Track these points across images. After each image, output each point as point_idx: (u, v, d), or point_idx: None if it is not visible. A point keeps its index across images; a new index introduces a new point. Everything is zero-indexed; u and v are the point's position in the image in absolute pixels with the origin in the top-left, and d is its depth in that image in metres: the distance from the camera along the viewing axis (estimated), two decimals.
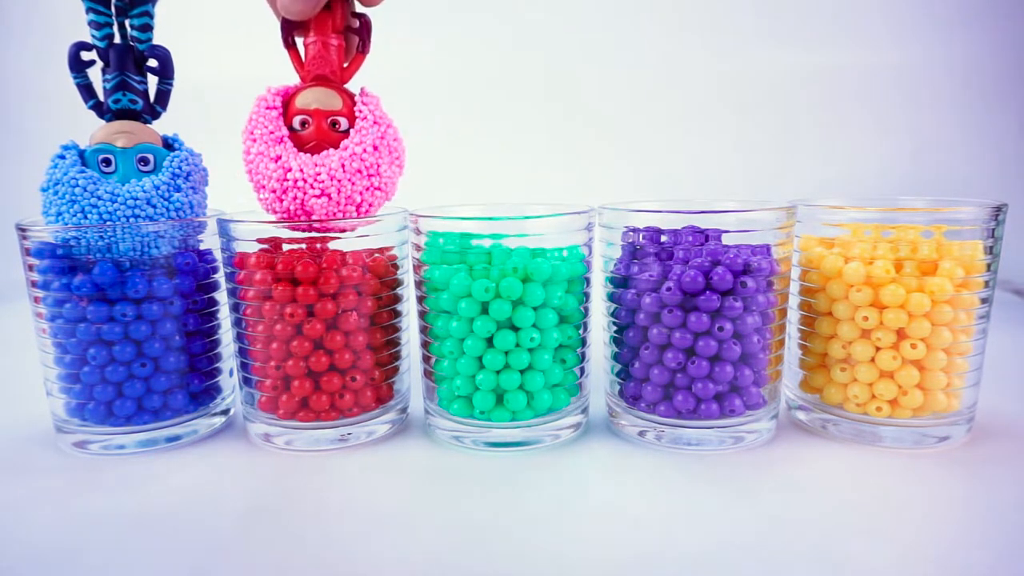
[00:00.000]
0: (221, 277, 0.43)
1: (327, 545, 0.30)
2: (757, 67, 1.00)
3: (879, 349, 0.38)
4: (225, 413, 0.44)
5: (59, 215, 0.38)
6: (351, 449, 0.40)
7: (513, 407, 0.38)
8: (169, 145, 0.41)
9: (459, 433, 0.40)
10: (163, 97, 0.42)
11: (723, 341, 0.37)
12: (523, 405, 0.38)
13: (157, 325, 0.39)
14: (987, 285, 0.38)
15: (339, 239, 0.39)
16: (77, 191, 0.37)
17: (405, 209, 0.41)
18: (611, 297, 0.40)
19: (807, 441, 0.40)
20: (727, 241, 0.38)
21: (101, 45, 0.40)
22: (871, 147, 0.98)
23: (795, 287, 0.41)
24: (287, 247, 0.38)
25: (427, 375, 0.41)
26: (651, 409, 0.39)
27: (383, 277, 0.40)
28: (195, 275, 0.41)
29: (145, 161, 0.39)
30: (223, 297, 0.42)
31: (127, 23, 0.40)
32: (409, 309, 0.43)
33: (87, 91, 0.40)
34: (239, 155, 0.39)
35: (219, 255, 0.41)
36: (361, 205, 0.38)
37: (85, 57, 0.40)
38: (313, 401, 0.39)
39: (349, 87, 0.40)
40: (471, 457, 0.38)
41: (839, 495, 0.34)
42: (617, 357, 0.41)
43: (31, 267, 0.39)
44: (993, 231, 0.38)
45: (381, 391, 0.41)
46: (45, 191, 0.38)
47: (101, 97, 0.40)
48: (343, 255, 0.38)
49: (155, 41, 0.41)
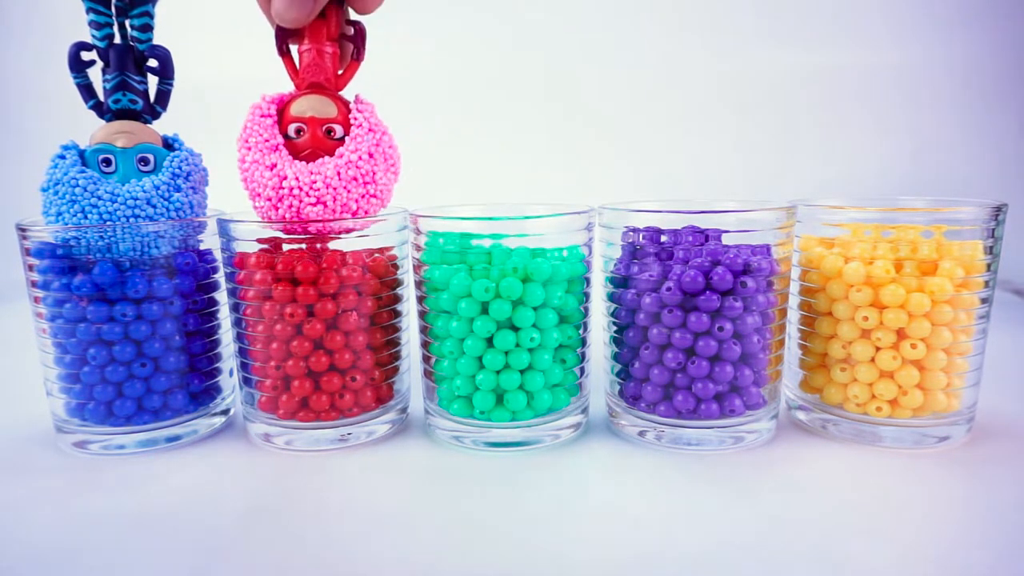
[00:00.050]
0: (221, 277, 0.43)
1: (327, 545, 0.30)
2: (757, 67, 1.00)
3: (879, 349, 0.38)
4: (225, 413, 0.44)
5: (59, 215, 0.38)
6: (351, 449, 0.40)
7: (513, 407, 0.38)
8: (169, 145, 0.41)
9: (459, 433, 0.40)
10: (163, 97, 0.42)
11: (723, 341, 0.37)
12: (523, 405, 0.38)
13: (157, 325, 0.39)
14: (987, 285, 0.38)
15: (339, 239, 0.39)
16: (77, 191, 0.37)
17: (405, 209, 0.41)
18: (611, 297, 0.40)
19: (807, 441, 0.40)
20: (727, 241, 0.38)
21: (101, 45, 0.40)
22: (871, 147, 0.98)
23: (795, 287, 0.41)
24: (287, 247, 0.38)
25: (427, 375, 0.41)
26: (651, 409, 0.39)
27: (383, 277, 0.40)
28: (195, 275, 0.41)
29: (145, 161, 0.39)
30: (223, 297, 0.42)
31: (127, 23, 0.40)
32: (409, 309, 0.43)
33: (87, 91, 0.40)
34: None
35: (219, 255, 0.41)
36: (357, 213, 0.38)
37: (85, 57, 0.40)
38: (313, 401, 0.39)
39: (344, 94, 0.40)
40: (471, 457, 0.38)
41: (839, 495, 0.34)
42: (617, 357, 0.41)
43: (31, 267, 0.39)
44: (993, 231, 0.38)
45: (381, 391, 0.41)
46: (45, 191, 0.38)
47: (101, 97, 0.40)
48: (343, 255, 0.38)
49: (155, 41, 0.41)
